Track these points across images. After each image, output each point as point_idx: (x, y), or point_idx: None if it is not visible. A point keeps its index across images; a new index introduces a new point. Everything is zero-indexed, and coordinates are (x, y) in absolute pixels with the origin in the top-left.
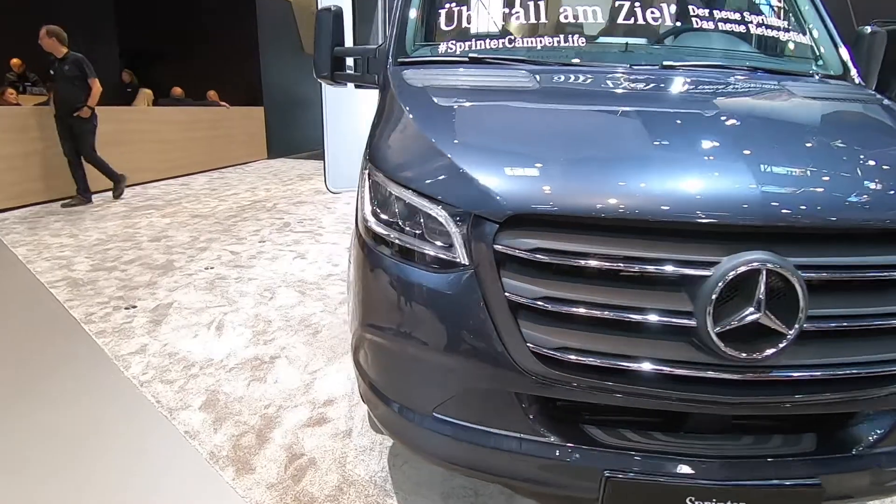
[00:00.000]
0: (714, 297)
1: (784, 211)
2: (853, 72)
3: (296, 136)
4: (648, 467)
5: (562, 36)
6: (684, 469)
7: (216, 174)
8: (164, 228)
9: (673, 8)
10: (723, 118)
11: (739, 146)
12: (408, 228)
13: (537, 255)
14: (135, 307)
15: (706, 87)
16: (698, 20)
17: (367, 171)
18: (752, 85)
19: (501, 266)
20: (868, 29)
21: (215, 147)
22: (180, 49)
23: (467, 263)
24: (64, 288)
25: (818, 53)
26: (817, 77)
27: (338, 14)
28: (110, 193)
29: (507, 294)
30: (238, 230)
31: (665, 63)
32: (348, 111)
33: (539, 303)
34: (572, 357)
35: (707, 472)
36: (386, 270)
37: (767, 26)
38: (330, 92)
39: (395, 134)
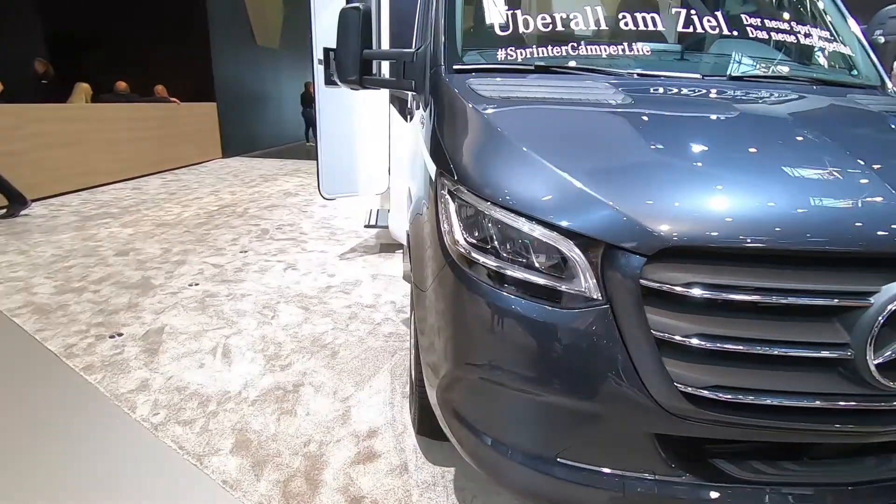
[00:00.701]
0: (876, 328)
1: None
2: (888, 83)
3: (251, 133)
4: (790, 501)
5: (626, 44)
6: (828, 498)
7: (170, 176)
8: (129, 240)
9: (726, 16)
10: (837, 137)
11: (870, 167)
12: (519, 258)
13: (691, 290)
14: (121, 335)
15: (798, 102)
16: (752, 29)
17: (448, 191)
18: (836, 100)
19: (647, 301)
20: (882, 39)
21: (167, 146)
22: (119, 38)
23: (599, 298)
24: (29, 316)
25: (855, 64)
26: (875, 89)
27: (367, 13)
28: (54, 200)
29: (653, 331)
30: (213, 240)
31: (733, 74)
32: (344, 114)
33: (692, 340)
34: (727, 396)
35: (843, 497)
36: (493, 305)
37: (814, 37)
38: (323, 94)
39: (489, 153)
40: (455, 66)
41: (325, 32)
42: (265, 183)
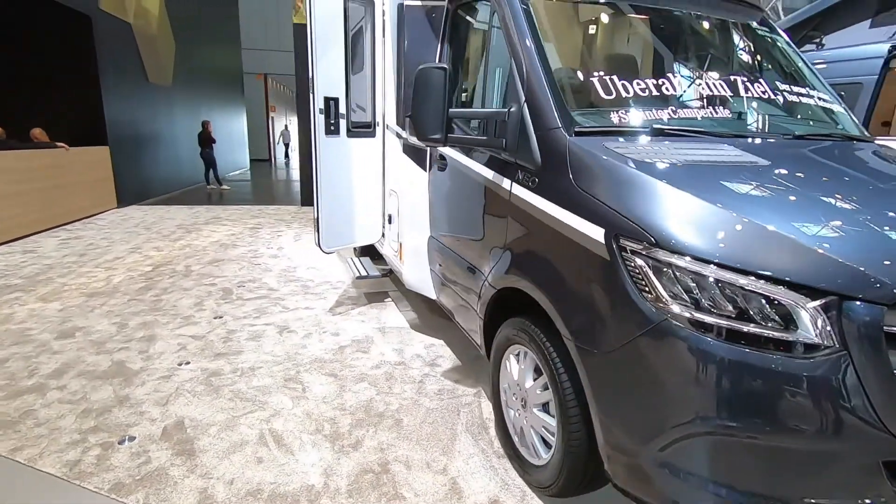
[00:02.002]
0: None
1: None
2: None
3: (148, 179)
4: None
5: (717, 107)
6: None
7: (64, 233)
8: (63, 318)
9: (770, 82)
10: None
11: None
12: (747, 314)
13: None
14: (133, 438)
15: (869, 159)
16: (788, 94)
17: (642, 254)
18: (884, 155)
19: (889, 345)
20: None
21: (56, 199)
22: None
23: (836, 345)
24: None
25: (839, 119)
26: (874, 141)
27: (446, 71)
28: None
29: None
30: (171, 307)
31: (797, 133)
32: (342, 165)
33: None
34: None
35: None
36: (726, 360)
37: (829, 100)
38: (324, 144)
39: (696, 217)
40: (577, 130)
41: (325, 81)
42: (189, 234)
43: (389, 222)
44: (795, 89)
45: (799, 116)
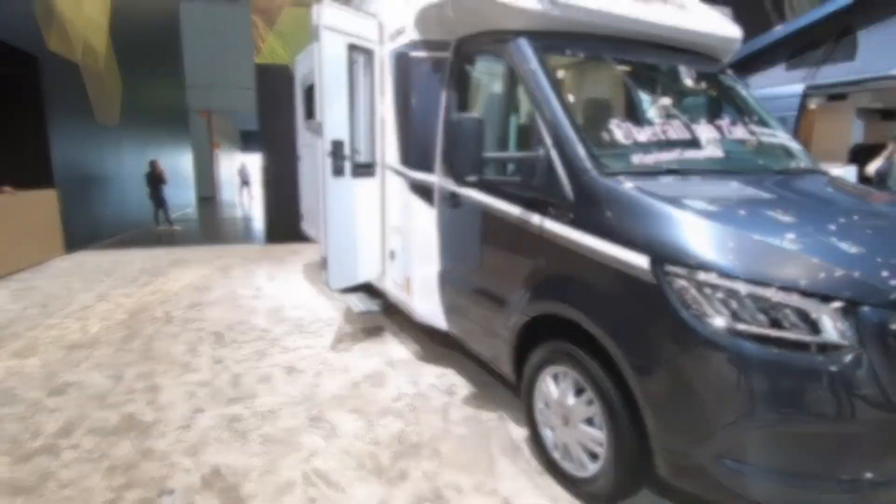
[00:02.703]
0: None
1: None
2: None
3: (97, 222)
4: None
5: (716, 148)
6: None
7: (14, 283)
8: (49, 374)
9: (747, 126)
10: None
11: None
12: (767, 322)
13: None
14: (172, 491)
15: (835, 190)
16: (762, 136)
17: (685, 277)
18: (832, 183)
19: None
20: None
21: (1, 247)
22: None
23: (854, 345)
24: (9, 501)
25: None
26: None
27: (481, 121)
28: None
29: None
30: (164, 355)
31: (776, 169)
32: (347, 205)
33: None
34: None
35: None
36: (766, 363)
37: (783, 137)
38: (332, 185)
39: (731, 245)
40: (608, 171)
41: (331, 125)
42: (157, 279)
43: (392, 258)
44: (766, 131)
45: (773, 154)
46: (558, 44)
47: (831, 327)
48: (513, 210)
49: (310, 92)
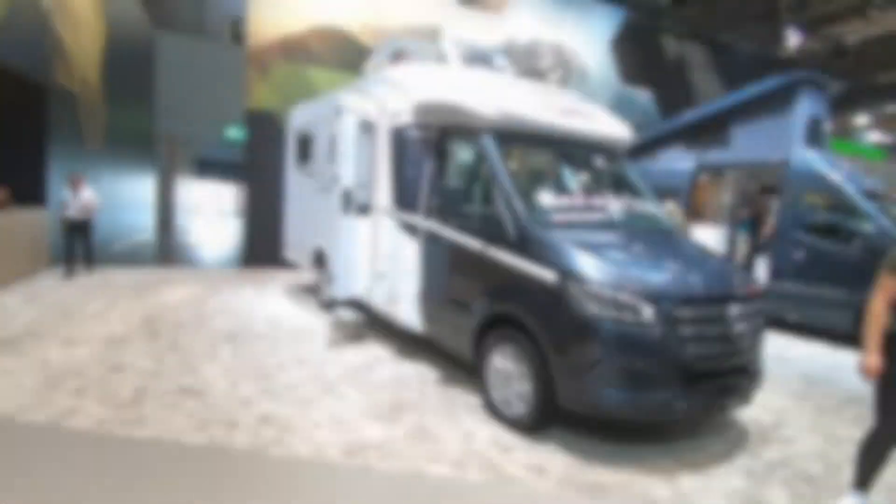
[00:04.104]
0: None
1: None
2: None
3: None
4: None
5: (600, 211)
6: None
7: (16, 293)
8: (101, 358)
9: (627, 196)
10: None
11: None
12: (617, 308)
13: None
14: (238, 424)
15: (676, 240)
16: (635, 204)
17: (575, 284)
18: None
19: (680, 323)
20: None
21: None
22: None
23: (657, 322)
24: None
25: (661, 220)
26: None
27: (461, 188)
28: None
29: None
30: (189, 349)
31: (642, 227)
32: (350, 236)
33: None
34: None
35: None
36: (610, 328)
37: (651, 206)
38: (342, 222)
39: (591, 264)
40: (536, 224)
41: (346, 178)
42: (153, 293)
43: (380, 278)
44: (640, 203)
45: (642, 218)
46: (508, 138)
47: (647, 313)
48: (476, 244)
49: (302, 141)
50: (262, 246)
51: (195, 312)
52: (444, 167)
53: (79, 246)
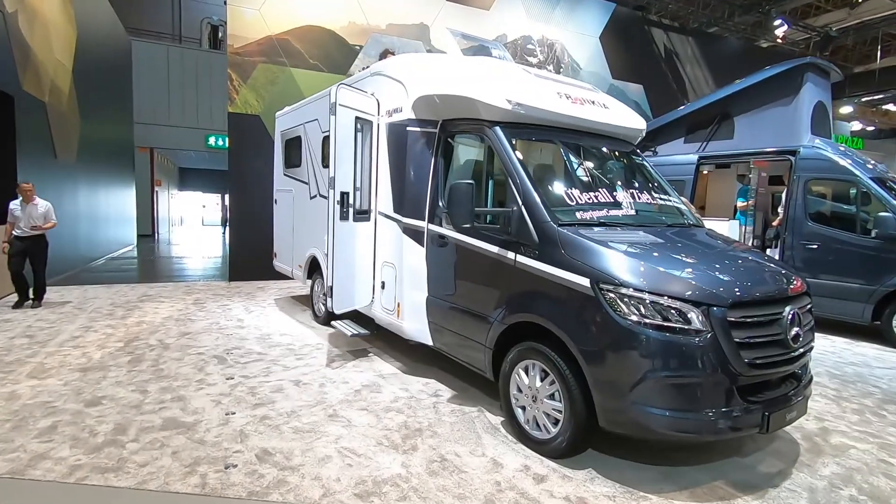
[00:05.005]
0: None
1: None
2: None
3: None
4: None
5: (630, 208)
6: None
7: None
8: (76, 390)
9: (650, 193)
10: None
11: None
12: (660, 317)
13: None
14: (235, 465)
15: (707, 235)
16: (661, 199)
17: (612, 290)
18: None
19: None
20: None
21: None
22: None
23: (709, 329)
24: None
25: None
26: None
27: (472, 184)
28: None
29: (735, 340)
30: (176, 374)
31: (668, 223)
32: (349, 243)
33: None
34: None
35: None
36: (654, 341)
37: (675, 201)
38: (338, 229)
39: (631, 268)
40: (560, 223)
41: (342, 180)
42: (135, 312)
43: (382, 288)
44: (664, 196)
45: (669, 213)
46: (522, 131)
47: (696, 320)
48: (492, 248)
49: (290, 144)
50: (250, 256)
51: (180, 332)
52: (450, 165)
53: (30, 270)
